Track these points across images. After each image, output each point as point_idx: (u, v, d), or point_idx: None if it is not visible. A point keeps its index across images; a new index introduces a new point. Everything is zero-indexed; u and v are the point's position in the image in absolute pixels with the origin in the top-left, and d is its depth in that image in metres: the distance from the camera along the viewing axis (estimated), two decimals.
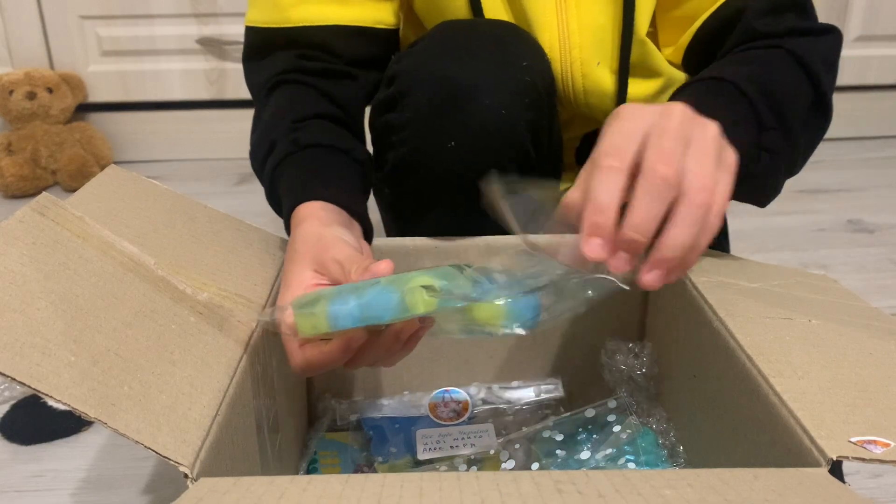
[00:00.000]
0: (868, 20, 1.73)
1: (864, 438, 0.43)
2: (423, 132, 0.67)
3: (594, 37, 0.74)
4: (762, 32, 0.68)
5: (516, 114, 0.66)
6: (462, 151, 0.67)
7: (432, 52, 0.68)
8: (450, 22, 0.72)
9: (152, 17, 1.65)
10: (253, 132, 0.72)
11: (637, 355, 0.72)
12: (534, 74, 0.68)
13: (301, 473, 0.69)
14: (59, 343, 0.43)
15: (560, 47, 0.74)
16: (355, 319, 0.47)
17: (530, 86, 0.68)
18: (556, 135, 0.77)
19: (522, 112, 0.67)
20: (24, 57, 1.66)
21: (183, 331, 0.51)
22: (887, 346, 0.55)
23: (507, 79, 0.65)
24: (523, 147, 0.69)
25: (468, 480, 0.39)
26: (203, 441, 0.44)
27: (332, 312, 0.47)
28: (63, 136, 1.62)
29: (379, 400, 0.75)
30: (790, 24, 0.69)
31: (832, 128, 0.70)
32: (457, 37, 0.69)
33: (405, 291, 0.46)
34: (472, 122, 0.65)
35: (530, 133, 0.69)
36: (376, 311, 0.46)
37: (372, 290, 0.47)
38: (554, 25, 0.74)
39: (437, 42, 0.68)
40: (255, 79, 0.75)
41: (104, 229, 0.53)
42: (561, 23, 0.74)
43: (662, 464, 0.65)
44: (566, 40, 0.74)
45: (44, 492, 0.78)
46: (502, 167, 0.67)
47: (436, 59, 0.67)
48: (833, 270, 1.24)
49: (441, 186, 0.70)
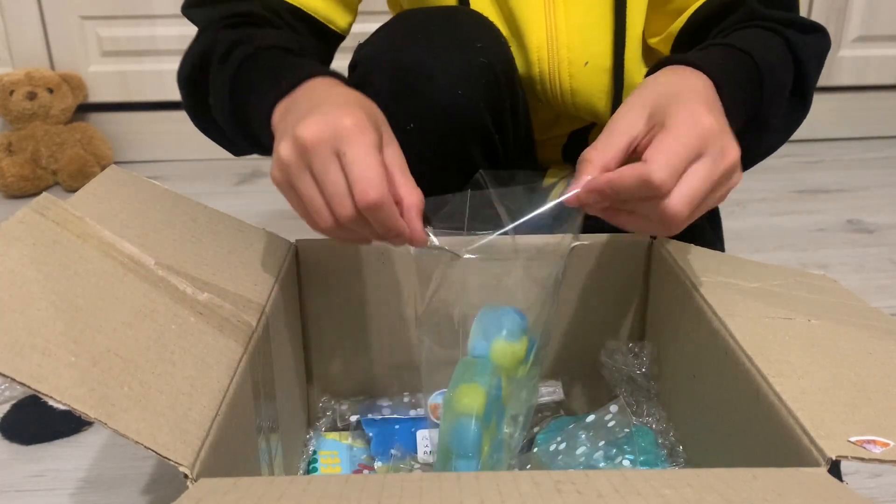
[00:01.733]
0: (868, 20, 1.73)
1: (863, 438, 0.43)
2: (385, 117, 0.68)
3: (582, 36, 0.74)
4: (765, 15, 0.70)
5: (473, 94, 0.67)
6: (423, 134, 0.67)
7: (390, 39, 0.69)
8: (409, 10, 0.73)
9: (152, 17, 1.65)
10: (192, 47, 0.69)
11: (637, 355, 0.72)
12: (489, 55, 0.68)
13: (301, 473, 0.69)
14: (59, 343, 0.43)
15: (548, 47, 0.75)
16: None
17: (486, 66, 0.68)
18: (523, 118, 0.77)
19: (480, 92, 0.68)
20: (25, 57, 1.66)
21: (183, 331, 0.51)
22: (887, 346, 0.55)
23: (462, 61, 0.66)
24: (484, 128, 0.69)
25: (468, 480, 0.39)
26: (203, 441, 0.44)
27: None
28: (63, 137, 1.62)
29: (379, 401, 0.75)
30: (793, 17, 0.71)
31: (832, 128, 0.71)
32: (413, 23, 0.69)
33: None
34: (428, 105, 0.66)
35: (490, 114, 0.70)
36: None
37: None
38: (542, 25, 0.74)
39: (395, 29, 0.69)
40: (208, 13, 0.71)
41: (104, 229, 0.53)
42: (549, 23, 0.74)
43: (661, 463, 0.65)
44: (554, 40, 0.74)
45: (44, 492, 0.78)
46: (466, 150, 0.68)
47: (393, 45, 0.68)
48: (833, 270, 1.24)
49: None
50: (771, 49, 0.67)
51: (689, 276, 0.64)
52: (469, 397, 0.55)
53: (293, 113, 0.54)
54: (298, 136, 0.49)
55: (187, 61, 0.69)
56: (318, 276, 0.72)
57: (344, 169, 0.49)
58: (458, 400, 0.56)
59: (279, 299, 0.63)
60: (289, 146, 0.50)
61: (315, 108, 0.51)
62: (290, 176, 0.51)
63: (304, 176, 0.51)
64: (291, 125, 0.51)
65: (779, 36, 0.68)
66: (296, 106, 0.55)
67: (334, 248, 0.71)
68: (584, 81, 0.76)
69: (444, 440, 0.55)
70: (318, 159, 0.49)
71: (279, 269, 0.65)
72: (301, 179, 0.51)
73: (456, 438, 0.54)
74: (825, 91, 1.79)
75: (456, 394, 0.56)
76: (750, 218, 1.41)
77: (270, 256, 0.66)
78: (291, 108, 0.55)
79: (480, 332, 0.61)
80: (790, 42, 0.68)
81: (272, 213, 1.50)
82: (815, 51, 0.70)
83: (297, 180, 0.51)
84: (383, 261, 0.71)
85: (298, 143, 0.50)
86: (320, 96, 0.55)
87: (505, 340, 0.60)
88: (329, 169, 0.49)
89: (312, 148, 0.49)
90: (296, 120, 0.51)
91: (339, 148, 0.49)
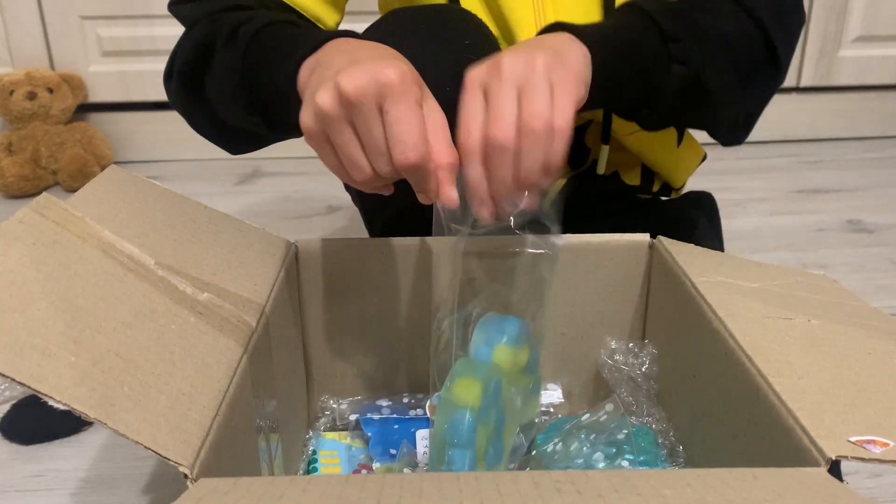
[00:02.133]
0: (868, 20, 1.73)
1: (863, 438, 0.43)
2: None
3: None
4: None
5: (460, 91, 0.67)
6: None
7: (379, 38, 0.69)
8: (398, 9, 0.72)
9: (152, 18, 1.65)
10: (185, 40, 0.68)
11: (637, 355, 0.72)
12: (477, 52, 0.68)
13: (301, 473, 0.69)
14: (59, 343, 0.43)
15: None
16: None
17: (475, 63, 0.68)
18: None
19: None
20: (25, 57, 1.66)
21: (183, 331, 0.51)
22: (887, 346, 0.55)
23: (449, 58, 0.66)
24: None
25: (467, 480, 0.39)
26: (203, 441, 0.44)
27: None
28: (63, 137, 1.62)
29: (378, 401, 0.75)
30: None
31: (832, 128, 0.71)
32: (401, 21, 0.69)
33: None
34: None
35: None
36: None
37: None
38: (532, 23, 0.74)
39: (384, 27, 0.69)
40: (199, 7, 0.70)
41: (104, 229, 0.53)
42: (538, 21, 0.74)
43: (661, 463, 0.65)
44: None
45: (44, 492, 0.78)
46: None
47: (380, 42, 0.68)
48: (833, 270, 1.24)
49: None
50: (714, 7, 0.67)
51: (689, 276, 0.64)
52: (465, 389, 0.56)
53: (327, 67, 0.52)
54: (343, 87, 0.48)
55: (181, 54, 0.68)
56: (318, 276, 0.72)
57: (385, 125, 0.49)
58: (453, 392, 0.56)
59: (279, 299, 0.63)
60: (330, 96, 0.49)
61: (355, 61, 0.50)
62: (328, 127, 0.50)
63: (344, 129, 0.50)
64: (331, 76, 0.49)
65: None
66: (327, 61, 0.54)
67: (334, 249, 0.71)
68: None
69: (440, 431, 0.56)
70: (361, 114, 0.49)
71: (279, 269, 0.65)
72: (341, 133, 0.50)
73: (451, 428, 0.55)
74: (825, 91, 1.79)
75: (452, 386, 0.56)
76: (750, 218, 1.41)
77: (270, 256, 0.66)
78: (323, 63, 0.54)
79: (483, 337, 0.61)
80: (742, 4, 0.67)
81: (272, 213, 1.50)
82: (777, 11, 0.69)
83: (337, 133, 0.50)
84: (384, 260, 0.71)
85: (342, 95, 0.48)
86: (354, 49, 0.54)
87: (506, 345, 0.60)
88: (372, 126, 0.49)
89: (357, 101, 0.48)
90: (335, 71, 0.49)
91: (383, 103, 0.48)
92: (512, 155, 0.51)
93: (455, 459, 0.54)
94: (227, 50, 0.64)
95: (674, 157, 0.87)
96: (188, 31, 0.70)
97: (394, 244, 0.71)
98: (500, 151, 0.51)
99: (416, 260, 0.71)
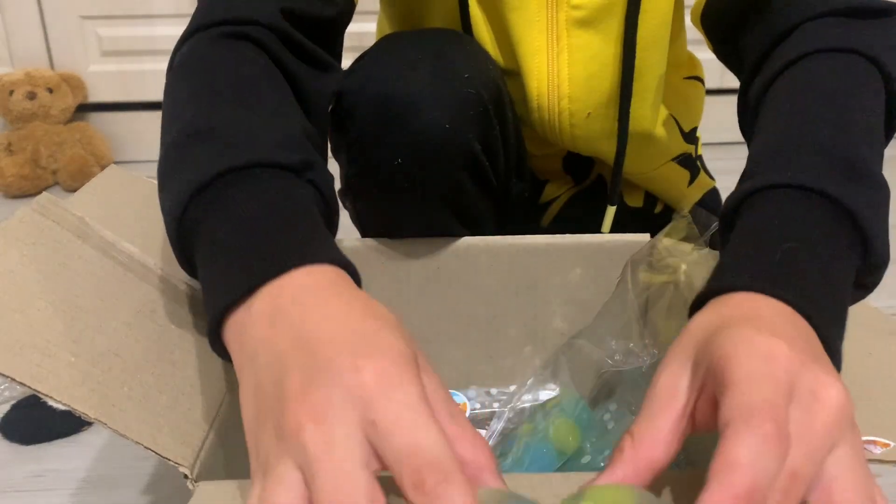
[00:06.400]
0: None
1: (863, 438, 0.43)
2: (369, 152, 0.64)
3: (586, 87, 0.72)
4: (817, 12, 0.57)
5: (461, 127, 0.64)
6: (409, 168, 0.63)
7: (374, 69, 0.65)
8: (395, 35, 0.70)
9: (152, 17, 1.65)
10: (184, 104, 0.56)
11: (637, 355, 0.72)
12: (477, 85, 0.66)
13: None
14: (59, 343, 0.43)
15: (548, 95, 0.72)
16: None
17: (474, 97, 0.65)
18: (514, 141, 0.74)
19: (468, 125, 0.65)
20: (25, 57, 1.66)
21: (183, 331, 0.51)
22: (887, 346, 0.55)
23: (449, 92, 0.63)
24: (474, 159, 0.66)
25: None
26: (203, 442, 0.44)
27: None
28: (63, 136, 1.62)
29: None
30: (857, 3, 0.56)
31: None
32: (398, 51, 0.66)
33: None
34: (414, 139, 0.63)
35: (479, 143, 0.66)
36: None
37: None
38: (543, 73, 0.72)
39: (379, 57, 0.66)
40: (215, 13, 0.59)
41: (104, 229, 0.53)
42: (551, 72, 0.71)
43: None
44: (555, 89, 0.72)
45: (44, 492, 0.78)
46: (455, 181, 0.65)
47: (377, 75, 0.64)
48: None
49: (395, 202, 0.67)
50: (863, 99, 0.51)
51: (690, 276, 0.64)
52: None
53: (271, 369, 0.35)
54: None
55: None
56: None
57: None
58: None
59: None
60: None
61: (317, 375, 0.34)
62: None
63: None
64: (278, 429, 0.33)
65: (852, 53, 0.53)
66: (268, 347, 0.36)
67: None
68: (586, 129, 0.74)
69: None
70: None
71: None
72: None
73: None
74: None
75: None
76: None
77: None
78: (267, 345, 0.36)
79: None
80: (868, 57, 0.52)
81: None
82: (892, 43, 0.54)
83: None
84: (384, 261, 0.71)
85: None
86: (319, 322, 0.37)
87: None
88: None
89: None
90: (280, 417, 0.33)
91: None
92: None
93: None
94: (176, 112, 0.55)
95: (682, 192, 0.86)
96: (184, 40, 0.63)
97: (394, 245, 0.71)
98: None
99: (416, 260, 0.71)
